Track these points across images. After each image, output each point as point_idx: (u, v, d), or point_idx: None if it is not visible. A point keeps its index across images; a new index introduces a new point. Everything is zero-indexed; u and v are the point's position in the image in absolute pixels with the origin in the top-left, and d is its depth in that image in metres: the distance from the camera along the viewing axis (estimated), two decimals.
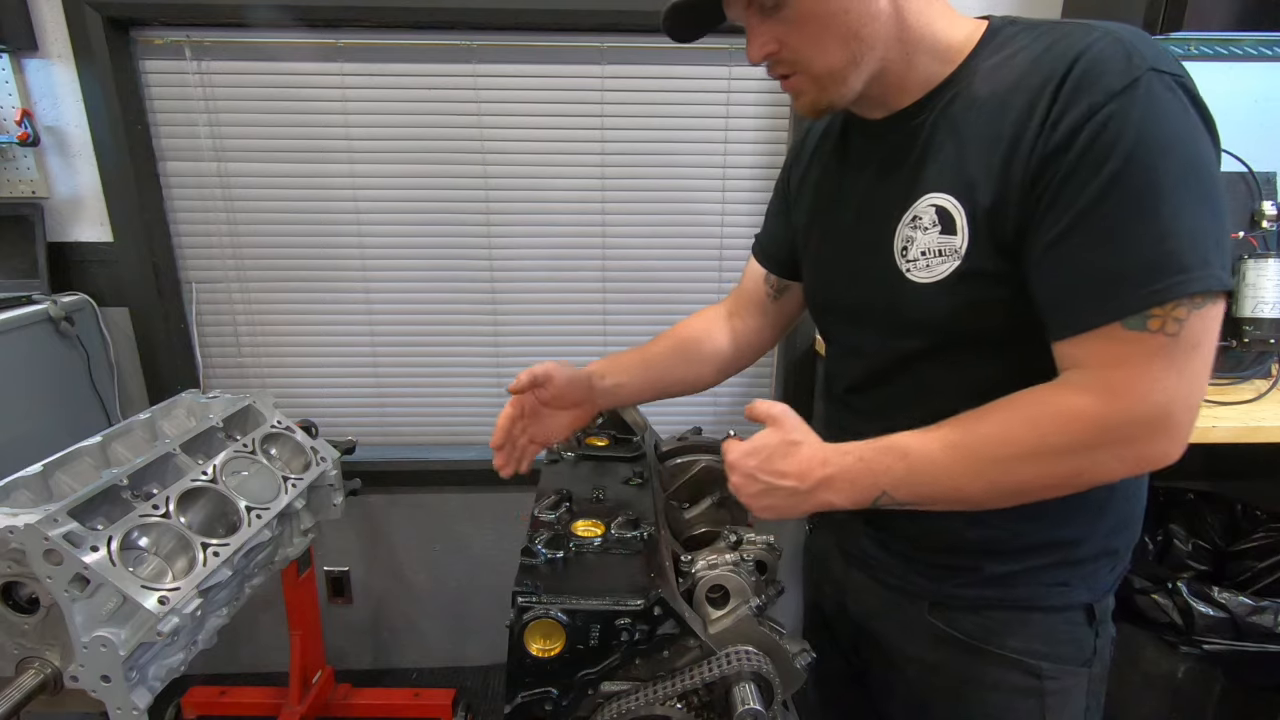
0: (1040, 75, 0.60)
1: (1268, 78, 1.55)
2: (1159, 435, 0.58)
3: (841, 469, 0.66)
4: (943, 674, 0.78)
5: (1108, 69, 0.56)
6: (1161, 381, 0.56)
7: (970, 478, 0.62)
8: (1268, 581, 1.40)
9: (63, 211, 1.60)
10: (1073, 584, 0.73)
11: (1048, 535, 0.71)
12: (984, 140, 0.63)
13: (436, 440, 1.88)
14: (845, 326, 0.82)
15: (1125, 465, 0.60)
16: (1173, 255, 0.55)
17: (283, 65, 1.59)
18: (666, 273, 1.76)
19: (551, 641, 0.66)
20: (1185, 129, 0.56)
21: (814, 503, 0.67)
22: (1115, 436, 0.58)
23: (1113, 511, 0.72)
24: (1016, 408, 0.62)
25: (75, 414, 1.58)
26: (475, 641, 2.00)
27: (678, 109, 1.64)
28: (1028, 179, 0.60)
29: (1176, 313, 0.55)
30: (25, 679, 0.92)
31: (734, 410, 1.88)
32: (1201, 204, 0.55)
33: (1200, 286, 0.55)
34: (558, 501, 0.83)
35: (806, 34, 0.65)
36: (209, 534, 1.06)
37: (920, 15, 0.66)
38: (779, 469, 0.67)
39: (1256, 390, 1.33)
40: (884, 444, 0.66)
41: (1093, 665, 0.75)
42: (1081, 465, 0.60)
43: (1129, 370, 0.57)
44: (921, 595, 0.77)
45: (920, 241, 0.67)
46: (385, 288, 1.75)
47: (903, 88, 0.69)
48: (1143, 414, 0.57)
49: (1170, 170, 0.55)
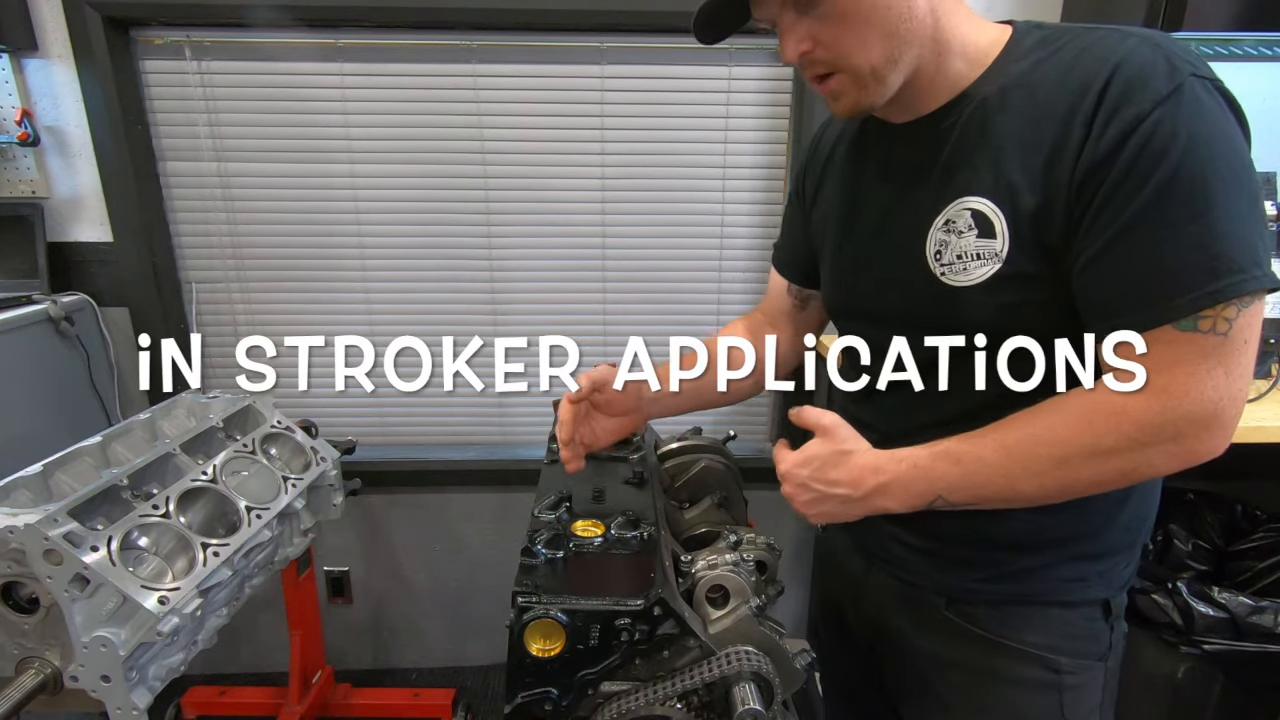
0: (1079, 80, 0.60)
1: (1268, 78, 1.55)
2: (1209, 431, 0.60)
3: (896, 476, 0.68)
4: (961, 669, 0.78)
5: (1152, 75, 0.57)
6: (1212, 379, 0.58)
7: (1025, 478, 0.64)
8: (1268, 581, 1.40)
9: (63, 211, 1.60)
10: (1090, 579, 0.74)
11: (1068, 528, 0.72)
12: (1022, 145, 0.63)
13: (436, 440, 1.88)
14: (868, 329, 0.81)
15: (1175, 461, 0.61)
16: (1225, 257, 0.56)
17: (283, 65, 1.59)
18: (666, 273, 1.76)
19: (551, 641, 0.66)
20: (1228, 131, 0.57)
21: (867, 508, 0.70)
22: (1168, 434, 0.59)
23: (1133, 503, 0.73)
24: (1068, 409, 0.63)
25: (75, 414, 1.58)
26: (475, 641, 2.00)
27: (678, 109, 1.64)
28: (1075, 184, 0.60)
29: (1227, 312, 0.57)
30: (25, 679, 0.92)
31: (734, 410, 1.88)
32: (1249, 205, 0.57)
33: (1254, 286, 0.56)
34: (557, 501, 0.83)
35: (846, 30, 0.64)
36: (209, 534, 1.06)
37: (952, 17, 0.66)
38: (831, 478, 0.70)
39: (1256, 390, 1.33)
40: (938, 450, 0.67)
41: (1108, 659, 0.76)
42: (1134, 463, 0.61)
43: (1182, 370, 0.58)
44: (940, 591, 0.78)
45: (955, 245, 0.67)
46: (385, 288, 1.75)
47: (932, 90, 0.68)
48: (1195, 412, 0.59)
49: (1218, 173, 0.56)
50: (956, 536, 0.76)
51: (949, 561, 0.77)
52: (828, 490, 0.71)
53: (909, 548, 0.80)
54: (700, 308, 1.78)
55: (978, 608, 0.76)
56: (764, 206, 1.72)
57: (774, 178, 1.70)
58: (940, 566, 0.78)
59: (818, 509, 0.73)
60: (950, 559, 0.77)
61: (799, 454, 0.73)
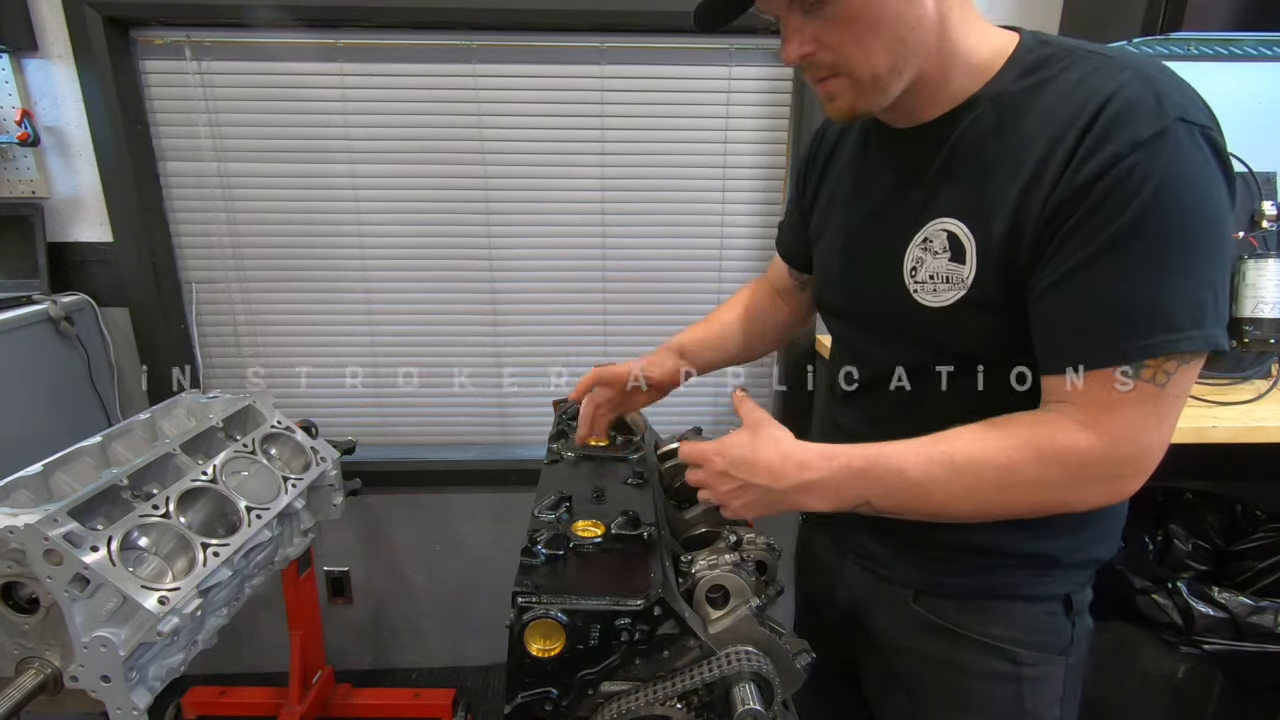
0: (1067, 112, 0.60)
1: (1268, 78, 1.55)
2: (1138, 475, 0.62)
3: (826, 475, 0.66)
4: (927, 661, 0.80)
5: (1138, 114, 0.56)
6: (1146, 426, 0.60)
7: (966, 499, 0.64)
8: (1268, 581, 1.40)
9: (63, 211, 1.60)
10: (1052, 575, 0.75)
11: (1030, 547, 0.74)
12: (1004, 171, 0.63)
13: (436, 440, 1.88)
14: (851, 331, 0.83)
15: (1101, 498, 0.64)
16: (1175, 312, 0.57)
17: (283, 65, 1.59)
18: (666, 273, 1.76)
19: (551, 641, 0.66)
20: (1205, 184, 0.57)
21: (789, 504, 0.69)
22: (1104, 473, 0.62)
23: (1092, 526, 0.74)
24: (1018, 436, 0.63)
25: (75, 414, 1.58)
26: (475, 641, 2.00)
27: (678, 109, 1.64)
28: (1045, 215, 0.60)
29: (1167, 365, 0.58)
30: (25, 679, 0.92)
31: (734, 410, 1.88)
32: (1211, 262, 0.57)
33: (1193, 347, 0.58)
34: (557, 502, 0.83)
35: (851, 35, 0.63)
36: (209, 534, 1.06)
37: (960, 27, 0.65)
38: (751, 466, 0.68)
39: (1256, 390, 1.33)
40: (876, 454, 0.66)
41: (1069, 654, 0.78)
42: (1070, 496, 0.64)
43: (1122, 415, 0.60)
44: (908, 584, 0.80)
45: (929, 265, 0.68)
46: (385, 288, 1.75)
47: (934, 99, 0.68)
48: (1132, 455, 0.61)
49: (1185, 226, 0.56)
50: (921, 539, 0.77)
51: (916, 557, 0.79)
52: (748, 479, 0.68)
53: (879, 542, 0.82)
54: (700, 308, 1.78)
55: (944, 600, 0.78)
56: (764, 206, 1.72)
57: (774, 178, 1.70)
58: (907, 561, 0.80)
59: (737, 500, 0.70)
60: (918, 555, 0.79)
61: (716, 441, 0.71)
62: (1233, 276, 1.39)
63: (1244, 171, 1.42)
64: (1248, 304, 1.36)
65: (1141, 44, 1.31)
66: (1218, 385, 1.36)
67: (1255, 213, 1.43)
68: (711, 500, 0.73)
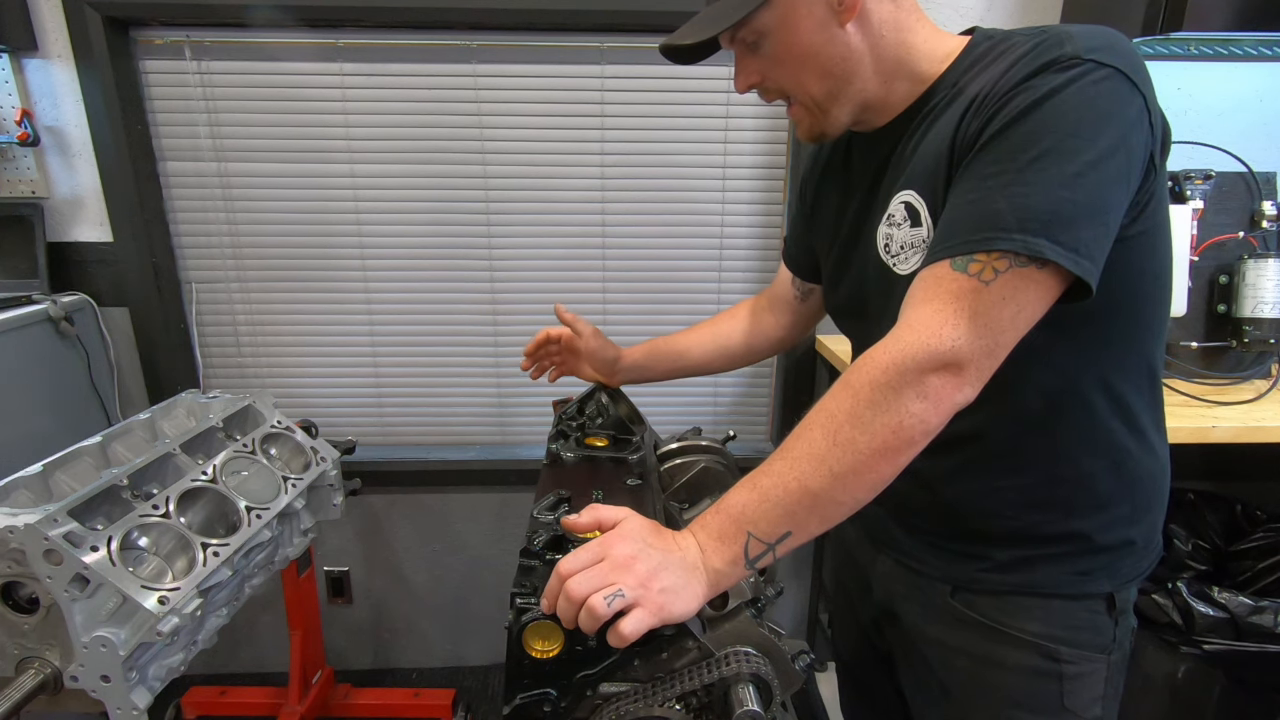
0: (997, 69, 0.64)
1: (1268, 77, 1.55)
2: (950, 373, 0.58)
3: (701, 525, 0.63)
4: (963, 656, 0.79)
5: (1045, 51, 0.60)
6: (952, 321, 0.58)
7: (815, 474, 0.59)
8: (1268, 581, 1.40)
9: (63, 211, 1.60)
10: (1093, 573, 0.75)
11: (1061, 527, 0.74)
12: (944, 135, 0.66)
13: (436, 440, 1.88)
14: (856, 326, 0.86)
15: (927, 405, 0.58)
16: (1004, 214, 0.57)
17: (283, 65, 1.59)
18: (666, 273, 1.76)
19: (550, 643, 0.66)
20: (1099, 107, 0.57)
21: (698, 578, 0.61)
22: (910, 373, 0.57)
23: (1120, 502, 0.74)
24: (835, 386, 0.62)
25: (75, 414, 1.58)
26: (475, 641, 2.00)
27: (678, 109, 1.64)
28: (959, 153, 0.64)
29: (998, 264, 0.57)
30: (25, 679, 0.92)
31: (734, 410, 1.88)
32: (1072, 181, 0.57)
33: (1011, 247, 0.57)
34: (557, 502, 0.83)
35: (786, 70, 0.72)
36: (209, 534, 1.06)
37: (897, 45, 0.71)
38: (630, 551, 0.60)
39: (1256, 390, 1.33)
40: (734, 487, 0.63)
41: (1112, 653, 0.77)
42: (897, 415, 0.58)
43: (930, 307, 0.59)
44: (944, 579, 0.80)
45: (897, 237, 0.72)
46: (385, 288, 1.75)
47: (884, 109, 0.75)
48: (931, 348, 0.57)
49: (1043, 140, 0.57)
50: (953, 530, 0.78)
51: (951, 552, 0.79)
52: (640, 554, 0.59)
53: (912, 536, 0.82)
54: (700, 308, 1.78)
55: (980, 596, 0.78)
56: (764, 206, 1.72)
57: (774, 178, 1.70)
58: (943, 556, 0.80)
59: (649, 590, 0.58)
60: (953, 550, 0.79)
61: (570, 557, 0.61)
62: (1233, 276, 1.39)
63: (1243, 171, 1.42)
64: (1248, 304, 1.35)
65: (1141, 44, 1.31)
66: (1218, 385, 1.36)
67: (1255, 213, 1.42)
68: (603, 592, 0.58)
